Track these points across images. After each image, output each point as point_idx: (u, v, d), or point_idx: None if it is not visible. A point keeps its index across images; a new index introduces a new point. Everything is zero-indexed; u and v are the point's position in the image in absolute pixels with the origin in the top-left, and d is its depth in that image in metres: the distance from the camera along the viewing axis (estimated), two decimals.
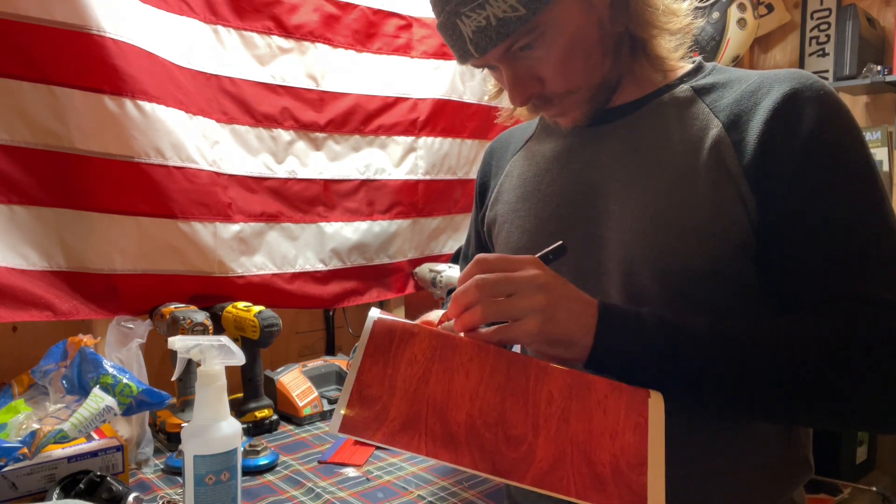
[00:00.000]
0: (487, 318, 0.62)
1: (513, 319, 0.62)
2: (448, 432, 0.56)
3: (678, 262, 0.70)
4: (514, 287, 0.62)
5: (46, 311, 1.12)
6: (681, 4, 0.76)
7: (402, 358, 0.59)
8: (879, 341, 0.60)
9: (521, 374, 0.60)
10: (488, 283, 0.62)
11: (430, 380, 0.58)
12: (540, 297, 0.61)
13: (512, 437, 0.57)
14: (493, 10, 0.68)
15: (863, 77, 1.95)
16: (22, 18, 1.07)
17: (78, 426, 0.88)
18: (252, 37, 1.42)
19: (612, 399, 0.60)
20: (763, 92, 0.70)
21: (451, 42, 0.74)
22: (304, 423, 1.29)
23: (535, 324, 0.61)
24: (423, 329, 0.61)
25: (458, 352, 0.60)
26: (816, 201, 0.66)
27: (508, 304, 0.62)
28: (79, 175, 1.16)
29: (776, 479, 0.76)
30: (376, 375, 0.58)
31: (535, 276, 0.62)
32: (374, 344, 0.59)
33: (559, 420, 0.58)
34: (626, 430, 0.59)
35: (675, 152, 0.73)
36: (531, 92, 0.75)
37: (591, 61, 0.74)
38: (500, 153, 0.98)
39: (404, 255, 1.72)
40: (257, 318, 1.22)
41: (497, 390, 0.59)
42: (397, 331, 0.61)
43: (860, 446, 1.95)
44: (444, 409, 0.57)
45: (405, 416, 0.56)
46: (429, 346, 0.60)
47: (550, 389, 0.60)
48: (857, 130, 0.68)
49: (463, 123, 1.78)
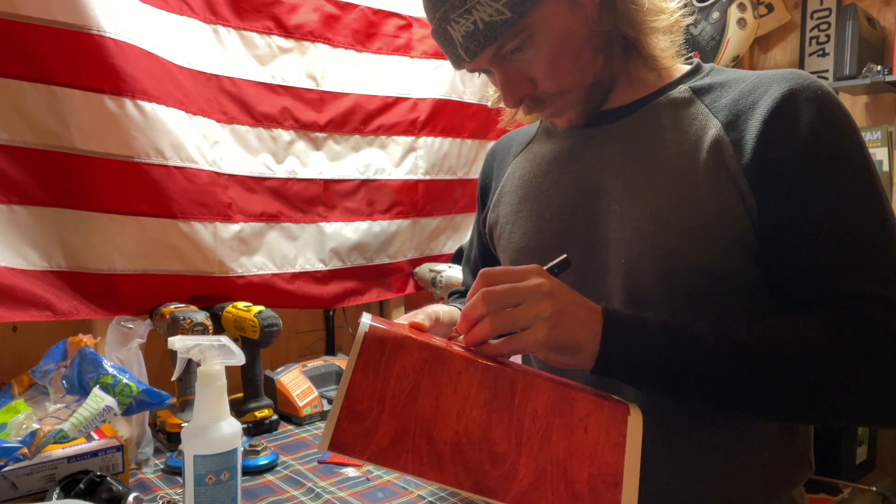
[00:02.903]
0: (496, 329, 0.62)
1: (521, 329, 0.62)
2: (434, 450, 0.56)
3: (680, 260, 0.70)
4: (520, 297, 0.62)
5: (46, 311, 1.12)
6: (668, 3, 0.76)
7: (392, 372, 0.59)
8: (881, 338, 0.61)
9: (507, 389, 0.60)
10: (494, 295, 0.62)
11: (418, 395, 0.58)
12: (546, 304, 0.62)
13: (496, 454, 0.57)
14: (479, 15, 0.69)
15: (863, 77, 1.95)
16: (22, 18, 1.07)
17: (78, 426, 0.88)
18: (252, 37, 1.42)
19: (594, 417, 0.61)
20: (761, 91, 0.70)
21: (445, 48, 0.75)
22: (304, 423, 1.29)
23: (543, 331, 0.61)
24: (413, 341, 0.61)
25: (448, 366, 0.60)
26: (816, 200, 0.66)
27: (515, 314, 0.62)
28: (79, 175, 1.16)
29: (776, 477, 0.76)
30: (366, 390, 0.58)
31: (539, 284, 0.62)
32: (364, 357, 0.59)
33: (542, 438, 0.59)
34: (605, 448, 0.59)
35: (676, 152, 0.74)
36: (523, 93, 0.76)
37: (582, 61, 0.75)
38: (502, 155, 0.98)
39: (404, 255, 1.72)
40: (257, 318, 1.22)
41: (484, 406, 0.59)
42: (388, 343, 0.60)
43: (860, 446, 1.95)
44: (431, 426, 0.57)
45: (393, 433, 0.56)
46: (419, 359, 0.60)
47: (536, 406, 0.60)
48: (854, 130, 0.68)
49: (463, 123, 1.78)
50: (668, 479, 0.74)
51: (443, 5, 0.71)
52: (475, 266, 1.07)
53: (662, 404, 0.68)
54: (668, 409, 0.71)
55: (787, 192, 0.67)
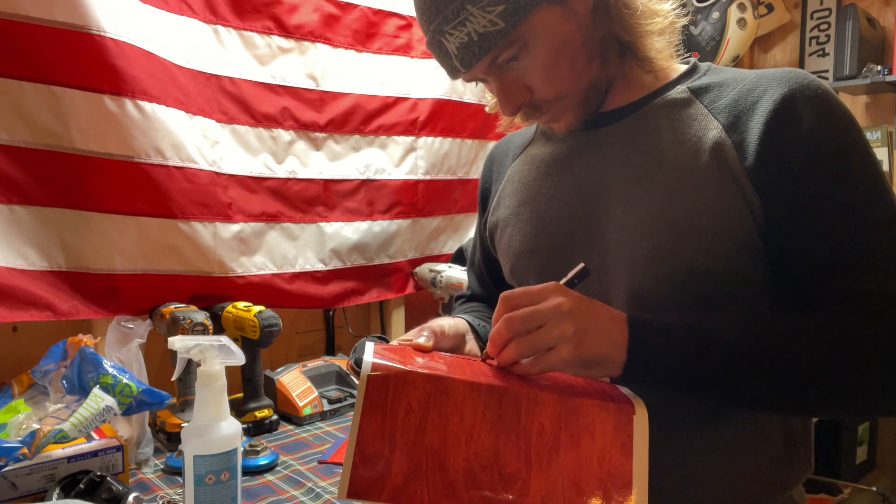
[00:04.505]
0: (523, 353, 0.64)
1: (546, 349, 0.63)
2: (448, 480, 0.58)
3: (683, 261, 0.71)
4: (542, 318, 0.63)
5: (46, 311, 1.12)
6: (662, 5, 0.76)
7: (399, 408, 0.60)
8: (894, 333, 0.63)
9: (512, 408, 0.62)
10: (516, 321, 0.64)
11: (427, 428, 0.60)
12: (568, 324, 0.62)
13: (507, 475, 0.59)
14: (473, 27, 0.70)
15: (863, 77, 1.96)
16: (22, 18, 1.07)
17: (78, 426, 0.88)
18: (252, 37, 1.42)
19: (600, 422, 0.62)
20: (760, 92, 0.70)
21: (440, 59, 0.76)
22: (304, 423, 1.29)
23: (568, 351, 0.62)
24: (416, 375, 0.62)
25: (452, 395, 0.62)
26: (824, 201, 0.67)
27: (538, 336, 0.63)
28: (79, 175, 1.16)
29: (776, 477, 0.76)
30: (375, 431, 0.59)
31: (560, 304, 0.63)
32: (370, 400, 0.60)
33: (550, 451, 0.60)
34: (612, 451, 0.61)
35: (676, 153, 0.74)
36: (521, 101, 0.76)
37: (578, 66, 0.75)
38: (501, 158, 0.99)
39: (404, 255, 1.72)
40: (257, 318, 1.22)
41: (491, 429, 0.60)
42: (391, 381, 0.61)
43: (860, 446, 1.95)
44: (442, 457, 0.59)
45: (407, 470, 0.58)
46: (423, 392, 0.61)
47: (542, 421, 0.61)
48: (856, 128, 0.69)
49: (463, 123, 1.78)
50: (668, 479, 0.74)
51: (436, 18, 0.71)
52: (479, 270, 1.08)
53: (663, 406, 0.68)
54: (668, 411, 0.71)
55: (795, 193, 0.67)
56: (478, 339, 0.89)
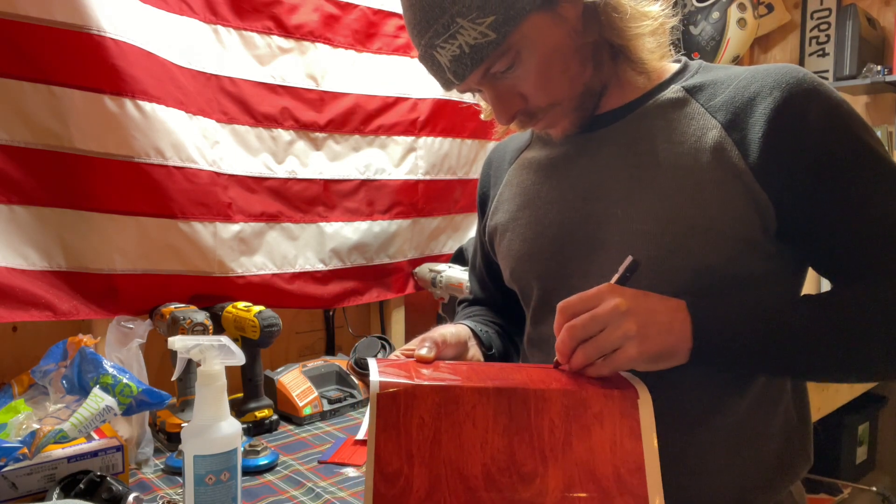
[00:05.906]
0: (590, 358, 0.65)
1: (612, 351, 0.65)
2: (468, 487, 0.59)
3: (686, 260, 0.71)
4: (602, 322, 0.64)
5: (46, 311, 1.12)
6: (651, 7, 0.76)
7: (412, 423, 0.61)
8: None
9: (522, 409, 0.62)
10: (577, 329, 0.65)
11: (441, 439, 0.61)
12: (629, 324, 0.64)
13: (525, 475, 0.60)
14: (464, 39, 0.70)
15: (863, 77, 1.96)
16: (22, 18, 1.07)
17: (78, 426, 0.88)
18: (252, 37, 1.42)
19: (607, 410, 0.63)
20: (756, 88, 0.71)
21: (433, 72, 0.76)
22: (304, 423, 1.29)
23: (634, 349, 0.64)
24: (423, 388, 0.63)
25: (461, 402, 0.62)
26: (844, 190, 0.68)
27: (602, 339, 0.64)
28: (79, 175, 1.16)
29: (775, 472, 0.77)
30: (392, 449, 0.60)
31: (616, 305, 0.64)
32: (382, 419, 0.61)
33: (563, 445, 0.61)
34: (622, 437, 0.62)
35: (675, 153, 0.74)
36: (515, 109, 0.77)
37: (571, 72, 0.75)
38: (498, 163, 0.99)
39: (404, 255, 1.72)
40: (257, 318, 1.22)
41: (504, 432, 0.61)
42: (400, 397, 0.62)
43: (860, 446, 1.95)
44: (460, 465, 0.60)
45: (428, 484, 0.59)
46: (433, 403, 0.62)
47: (552, 417, 0.62)
48: (857, 115, 0.71)
49: (463, 123, 1.78)
50: (668, 474, 0.74)
51: (427, 32, 0.71)
52: (480, 274, 1.08)
53: (662, 402, 0.69)
54: (667, 407, 0.71)
55: (814, 186, 0.68)
56: (480, 344, 0.89)
